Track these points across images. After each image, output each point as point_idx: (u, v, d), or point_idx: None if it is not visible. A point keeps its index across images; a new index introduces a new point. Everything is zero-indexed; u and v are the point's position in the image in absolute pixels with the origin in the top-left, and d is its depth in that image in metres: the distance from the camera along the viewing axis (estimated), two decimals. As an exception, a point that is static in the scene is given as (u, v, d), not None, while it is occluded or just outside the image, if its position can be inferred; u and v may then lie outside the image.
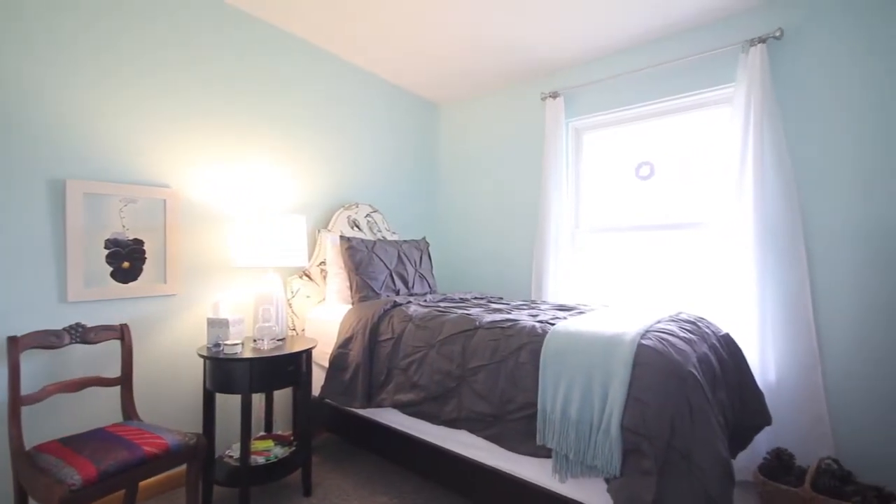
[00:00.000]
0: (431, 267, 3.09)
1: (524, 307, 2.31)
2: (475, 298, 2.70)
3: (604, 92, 2.96)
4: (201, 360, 2.03)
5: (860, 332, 2.12)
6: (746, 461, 2.14)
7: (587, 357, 1.49)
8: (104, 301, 1.95)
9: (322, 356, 2.36)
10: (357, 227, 3.04)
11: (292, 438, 2.30)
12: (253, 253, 2.17)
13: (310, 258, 2.78)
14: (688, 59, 2.57)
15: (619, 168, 3.01)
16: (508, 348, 1.69)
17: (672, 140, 2.80)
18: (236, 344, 1.94)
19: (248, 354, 1.93)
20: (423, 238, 3.19)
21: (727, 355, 1.84)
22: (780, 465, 2.05)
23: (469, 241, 3.70)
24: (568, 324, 1.70)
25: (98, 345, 1.85)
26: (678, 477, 1.28)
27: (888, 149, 2.06)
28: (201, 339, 2.23)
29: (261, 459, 2.06)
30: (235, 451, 2.10)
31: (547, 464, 1.53)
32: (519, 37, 2.73)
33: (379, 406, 2.04)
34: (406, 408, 1.93)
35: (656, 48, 2.73)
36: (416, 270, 2.88)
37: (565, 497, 1.51)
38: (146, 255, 2.07)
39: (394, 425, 2.08)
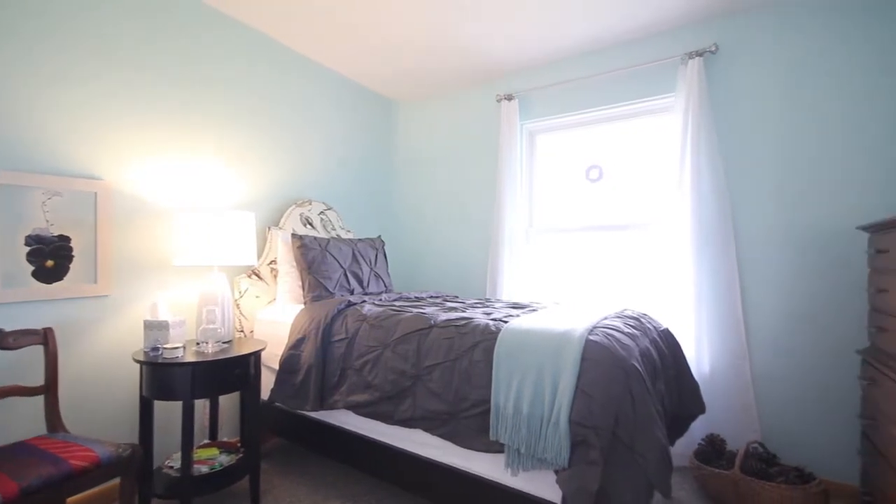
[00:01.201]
0: (387, 266, 3.06)
1: (479, 305, 2.34)
2: (431, 297, 2.70)
3: (556, 96, 3.05)
4: (137, 365, 1.90)
5: (783, 328, 2.31)
6: (683, 448, 2.28)
7: (538, 353, 1.53)
8: (24, 303, 1.78)
9: (272, 358, 2.28)
10: (310, 224, 2.95)
11: (239, 445, 2.20)
12: (196, 251, 2.05)
13: (259, 256, 2.68)
14: (634, 68, 2.71)
15: (571, 170, 3.11)
16: (463, 346, 1.70)
17: (619, 145, 2.93)
18: (177, 347, 1.83)
19: (190, 358, 1.83)
20: (379, 236, 3.15)
21: (667, 349, 1.96)
22: (713, 450, 2.21)
23: (425, 240, 3.70)
24: (521, 321, 1.74)
25: (18, 350, 1.68)
26: (622, 465, 1.34)
27: (808, 158, 2.27)
28: (137, 343, 2.08)
29: (204, 468, 1.95)
30: (176, 461, 1.98)
31: (500, 459, 1.55)
32: (476, 37, 2.76)
33: (332, 408, 2.00)
34: (360, 409, 1.90)
35: (605, 56, 2.85)
36: (371, 269, 2.84)
37: (517, 490, 1.54)
38: (73, 253, 1.91)
39: (347, 427, 2.04)
